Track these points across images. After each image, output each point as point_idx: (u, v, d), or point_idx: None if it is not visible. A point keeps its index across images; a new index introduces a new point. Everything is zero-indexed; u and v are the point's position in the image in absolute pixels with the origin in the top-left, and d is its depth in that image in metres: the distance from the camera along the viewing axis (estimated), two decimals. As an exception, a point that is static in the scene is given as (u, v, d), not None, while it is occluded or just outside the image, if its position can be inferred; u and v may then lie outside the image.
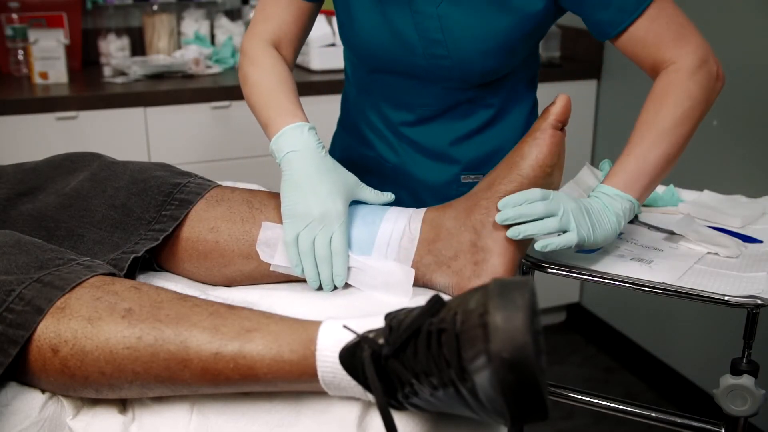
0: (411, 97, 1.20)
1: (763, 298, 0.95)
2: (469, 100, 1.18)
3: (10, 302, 0.78)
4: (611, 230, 0.99)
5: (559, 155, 0.96)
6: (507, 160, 0.96)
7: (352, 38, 1.17)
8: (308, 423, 0.77)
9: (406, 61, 1.14)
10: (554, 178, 0.97)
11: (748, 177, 1.97)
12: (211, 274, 1.00)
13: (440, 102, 1.19)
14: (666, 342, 2.37)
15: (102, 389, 0.78)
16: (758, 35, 1.90)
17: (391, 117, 1.23)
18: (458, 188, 1.24)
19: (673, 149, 1.01)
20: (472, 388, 0.64)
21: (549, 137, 0.94)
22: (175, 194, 1.00)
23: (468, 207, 0.96)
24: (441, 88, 1.16)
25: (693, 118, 1.02)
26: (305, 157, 0.97)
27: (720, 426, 1.11)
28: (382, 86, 1.21)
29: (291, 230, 0.94)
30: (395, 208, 1.00)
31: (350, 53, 1.23)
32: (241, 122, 2.16)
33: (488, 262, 0.93)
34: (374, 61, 1.17)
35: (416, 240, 0.96)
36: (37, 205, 1.01)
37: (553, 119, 0.95)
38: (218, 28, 2.53)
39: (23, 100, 1.99)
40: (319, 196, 0.94)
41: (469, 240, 0.94)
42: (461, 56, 1.10)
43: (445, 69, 1.12)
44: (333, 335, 0.74)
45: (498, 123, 1.22)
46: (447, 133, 1.22)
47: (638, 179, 1.00)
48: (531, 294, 0.63)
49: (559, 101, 0.96)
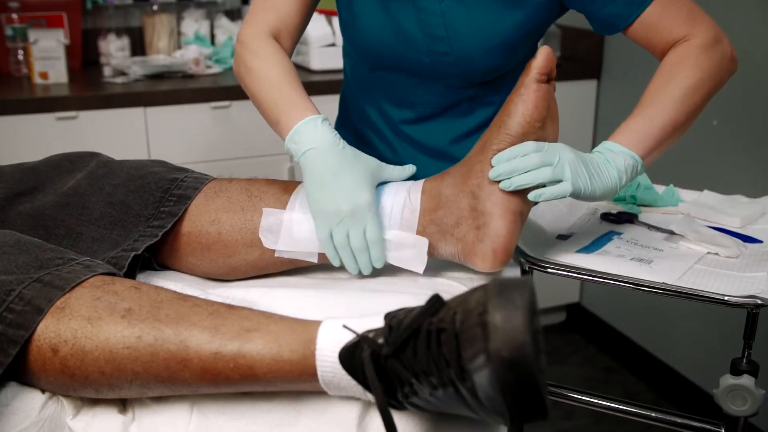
0: (413, 95, 1.19)
1: (763, 298, 0.95)
2: (471, 98, 1.18)
3: (10, 302, 0.78)
4: (611, 184, 0.96)
5: (547, 108, 0.94)
6: (496, 121, 0.96)
7: (354, 35, 1.16)
8: (308, 423, 0.77)
9: (408, 58, 1.13)
10: (548, 132, 0.95)
11: (748, 177, 1.97)
12: (216, 266, 1.00)
13: (442, 100, 1.19)
14: (666, 342, 2.36)
15: (102, 389, 0.78)
16: (758, 35, 1.90)
17: (392, 115, 1.23)
18: None
19: (681, 117, 1.00)
20: (472, 387, 0.64)
21: (533, 92, 0.93)
22: (172, 190, 1.00)
23: (464, 173, 0.96)
24: (443, 85, 1.16)
25: (703, 90, 1.01)
26: (325, 153, 0.95)
27: (720, 426, 1.11)
28: (383, 84, 1.21)
29: (323, 228, 0.94)
30: (392, 183, 1.00)
31: (352, 51, 1.23)
32: (241, 122, 2.16)
33: (490, 225, 0.93)
34: (376, 58, 1.17)
35: (417, 211, 0.96)
36: (35, 204, 1.01)
37: (536, 72, 0.93)
38: (218, 28, 2.53)
39: (23, 100, 1.99)
40: (346, 191, 0.94)
41: (469, 205, 0.94)
42: (464, 53, 1.10)
43: (447, 66, 1.12)
44: (333, 335, 0.74)
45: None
46: (447, 131, 1.22)
47: (644, 139, 0.99)
48: (530, 293, 0.63)
49: (540, 54, 0.94)
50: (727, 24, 1.97)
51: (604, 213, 1.24)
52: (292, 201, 0.99)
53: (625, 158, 0.97)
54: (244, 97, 2.12)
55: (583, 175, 0.94)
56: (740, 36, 1.93)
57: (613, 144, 0.98)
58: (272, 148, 2.12)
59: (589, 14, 1.08)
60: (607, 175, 0.96)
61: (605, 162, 0.97)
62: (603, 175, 0.96)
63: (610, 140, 0.99)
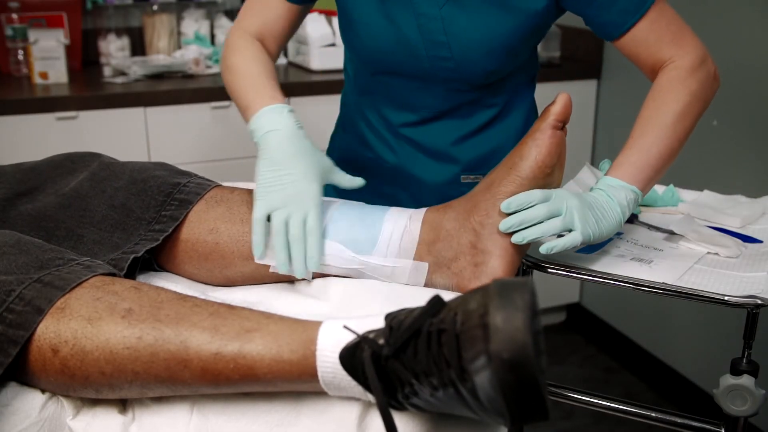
0: (414, 99, 1.20)
1: (763, 298, 0.95)
2: (472, 101, 1.19)
3: (10, 302, 0.78)
4: (616, 222, 0.99)
5: (559, 155, 0.96)
6: (506, 161, 0.96)
7: (354, 41, 1.17)
8: (308, 423, 0.77)
9: (409, 63, 1.14)
10: (554, 177, 0.97)
11: (748, 177, 1.97)
12: (213, 276, 1.00)
13: (443, 103, 1.19)
14: (666, 342, 2.37)
15: (102, 389, 0.78)
16: (758, 35, 1.90)
17: (392, 118, 1.23)
18: (458, 188, 1.23)
19: (674, 144, 1.03)
20: (472, 388, 0.64)
21: (549, 137, 0.94)
22: (174, 194, 1.00)
23: (468, 208, 0.96)
24: (444, 89, 1.17)
25: (693, 114, 1.04)
26: (285, 136, 0.98)
27: (720, 426, 1.11)
28: (384, 88, 1.21)
29: (262, 208, 0.94)
30: (395, 209, 1.00)
31: (352, 56, 1.23)
32: (241, 122, 2.14)
33: (488, 264, 0.93)
34: (377, 63, 1.17)
35: (416, 240, 0.96)
36: (36, 205, 1.01)
37: (553, 119, 0.94)
38: (218, 28, 2.53)
39: (23, 100, 1.99)
40: (295, 176, 0.95)
41: (469, 241, 0.94)
42: (464, 57, 1.10)
43: (448, 71, 1.13)
44: (333, 335, 0.74)
45: (498, 123, 1.23)
46: (449, 133, 1.22)
47: (642, 170, 1.01)
48: (531, 294, 0.63)
49: (559, 101, 0.95)
50: (728, 25, 1.98)
51: (604, 213, 1.24)
52: None
53: (626, 193, 1.00)
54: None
55: (591, 220, 0.96)
56: (740, 37, 1.93)
57: (613, 179, 1.01)
58: (272, 148, 2.11)
59: (586, 20, 1.09)
60: (612, 214, 0.99)
61: (608, 199, 0.99)
62: (608, 216, 0.98)
63: (609, 176, 1.02)
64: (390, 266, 0.95)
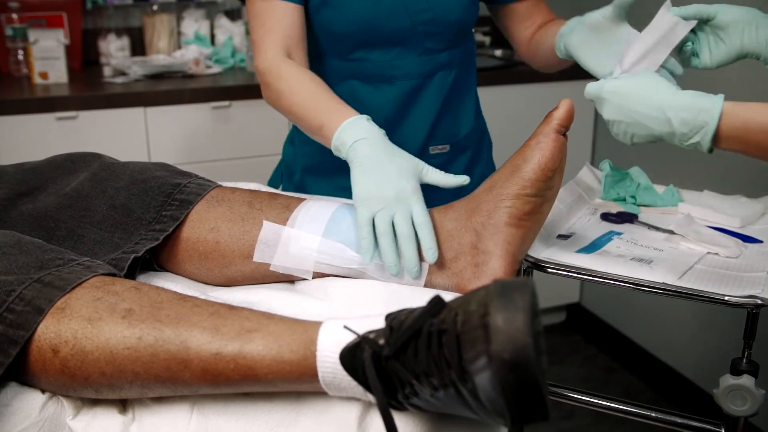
0: (392, 69, 1.27)
1: (763, 298, 0.95)
2: (442, 65, 1.30)
3: (10, 302, 0.78)
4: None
5: (561, 160, 0.96)
6: (509, 163, 0.96)
7: (339, 18, 1.22)
8: (308, 423, 0.77)
9: (391, 25, 1.24)
10: (555, 182, 0.97)
11: (748, 177, 1.97)
12: (213, 275, 1.00)
13: (418, 68, 1.28)
14: (666, 342, 2.37)
15: (102, 389, 0.78)
16: (758, 35, 1.89)
17: (368, 100, 1.30)
18: (428, 161, 1.26)
19: None
20: (473, 388, 0.64)
21: (552, 141, 0.94)
22: (175, 195, 1.00)
23: (469, 209, 0.96)
24: (418, 54, 1.27)
25: None
26: (373, 143, 0.99)
27: (720, 426, 1.11)
28: (361, 68, 1.28)
29: (366, 211, 0.93)
30: None
31: (329, 43, 1.27)
32: (241, 122, 2.16)
33: (488, 264, 0.93)
34: (359, 33, 1.24)
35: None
36: (37, 205, 1.01)
37: (556, 123, 0.94)
38: (218, 28, 2.53)
39: (23, 100, 1.99)
40: (392, 177, 0.95)
41: (470, 242, 0.94)
42: (440, 8, 1.24)
43: (426, 24, 1.25)
44: (333, 336, 0.74)
45: (457, 93, 1.35)
46: (426, 112, 1.32)
47: None
48: (532, 295, 0.63)
49: (563, 105, 0.95)
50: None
51: (604, 213, 1.24)
52: (293, 217, 0.98)
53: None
54: (244, 97, 2.14)
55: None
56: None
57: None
58: (272, 148, 2.11)
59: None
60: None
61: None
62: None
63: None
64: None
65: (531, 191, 0.93)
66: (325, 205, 1.00)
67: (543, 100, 2.35)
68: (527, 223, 0.94)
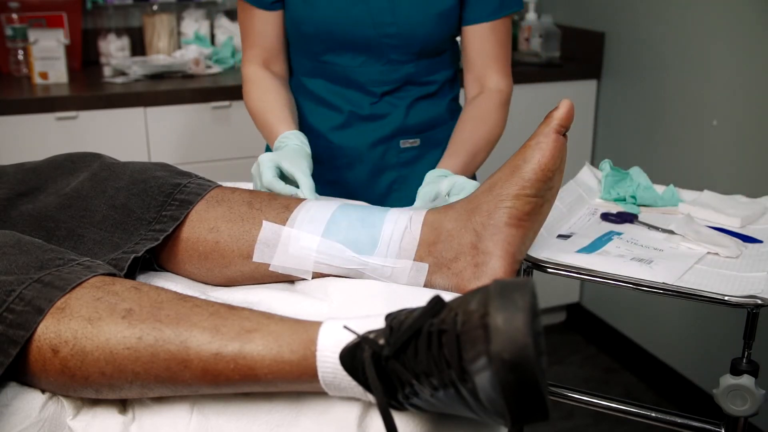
0: (359, 75, 1.36)
1: (763, 298, 0.95)
2: (409, 75, 1.37)
3: (10, 302, 0.78)
4: None
5: (561, 160, 0.96)
6: (509, 164, 0.96)
7: (308, 19, 1.32)
8: (308, 423, 0.77)
9: (356, 33, 1.31)
10: (554, 182, 0.97)
11: (748, 177, 1.98)
12: (212, 275, 1.00)
13: (384, 76, 1.36)
14: (666, 342, 2.37)
15: (102, 389, 0.78)
16: (758, 34, 1.90)
17: (339, 103, 1.39)
18: (398, 155, 1.41)
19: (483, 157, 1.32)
20: (473, 388, 0.64)
21: (552, 142, 0.94)
22: (175, 194, 1.00)
23: (469, 209, 0.96)
24: (383, 64, 1.35)
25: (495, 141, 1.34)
26: (296, 145, 1.20)
27: (720, 426, 1.11)
28: (331, 70, 1.37)
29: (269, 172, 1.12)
30: (395, 210, 1.00)
31: (300, 45, 1.37)
32: (241, 122, 2.16)
33: (488, 265, 0.93)
34: (329, 36, 1.32)
35: (417, 241, 0.96)
36: (37, 205, 1.01)
37: (556, 123, 0.94)
38: (218, 28, 2.53)
39: (23, 100, 1.99)
40: (288, 152, 1.17)
41: (470, 242, 0.94)
42: (406, 22, 1.31)
43: (390, 37, 1.32)
44: (333, 336, 0.74)
45: (428, 96, 1.42)
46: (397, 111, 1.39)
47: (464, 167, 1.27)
48: (532, 295, 0.63)
49: (563, 106, 0.95)
50: (727, 23, 1.98)
51: (604, 213, 1.24)
52: (292, 217, 0.98)
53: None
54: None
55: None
56: (740, 35, 1.93)
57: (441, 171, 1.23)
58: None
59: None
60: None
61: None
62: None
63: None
64: (390, 267, 0.95)
65: (531, 191, 0.93)
66: (325, 205, 1.00)
67: (543, 100, 2.35)
68: (527, 224, 0.94)
